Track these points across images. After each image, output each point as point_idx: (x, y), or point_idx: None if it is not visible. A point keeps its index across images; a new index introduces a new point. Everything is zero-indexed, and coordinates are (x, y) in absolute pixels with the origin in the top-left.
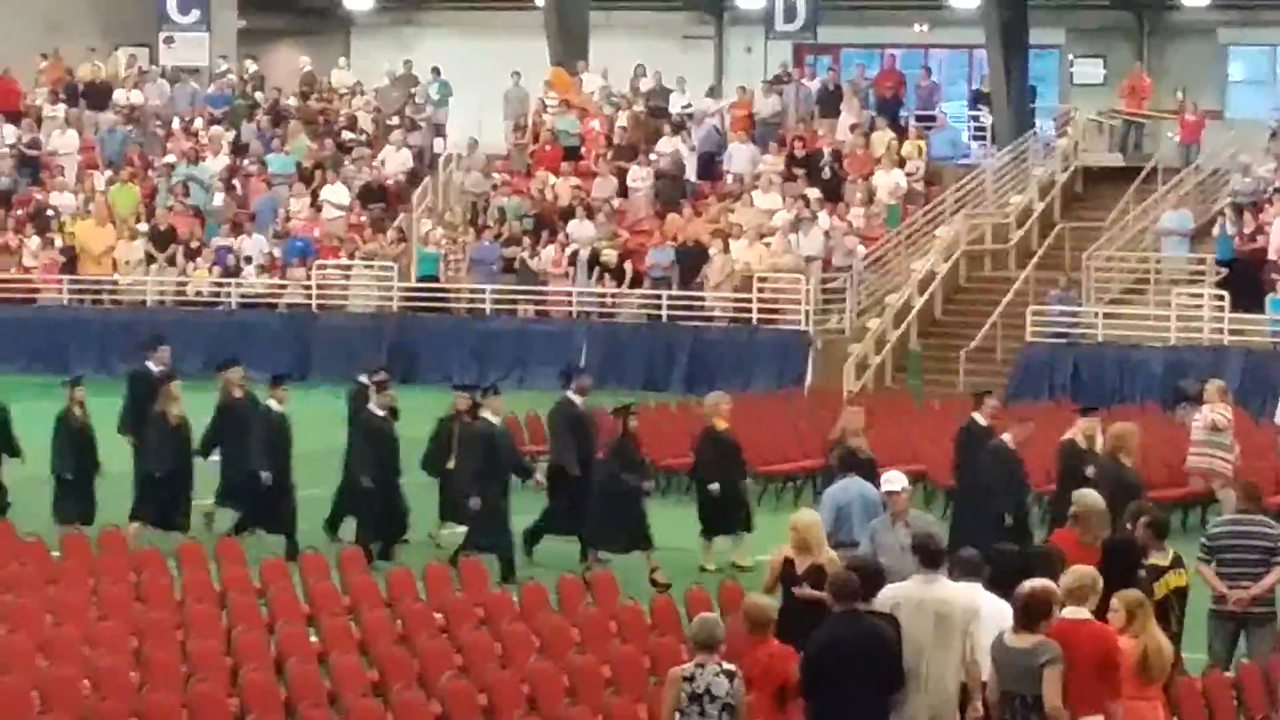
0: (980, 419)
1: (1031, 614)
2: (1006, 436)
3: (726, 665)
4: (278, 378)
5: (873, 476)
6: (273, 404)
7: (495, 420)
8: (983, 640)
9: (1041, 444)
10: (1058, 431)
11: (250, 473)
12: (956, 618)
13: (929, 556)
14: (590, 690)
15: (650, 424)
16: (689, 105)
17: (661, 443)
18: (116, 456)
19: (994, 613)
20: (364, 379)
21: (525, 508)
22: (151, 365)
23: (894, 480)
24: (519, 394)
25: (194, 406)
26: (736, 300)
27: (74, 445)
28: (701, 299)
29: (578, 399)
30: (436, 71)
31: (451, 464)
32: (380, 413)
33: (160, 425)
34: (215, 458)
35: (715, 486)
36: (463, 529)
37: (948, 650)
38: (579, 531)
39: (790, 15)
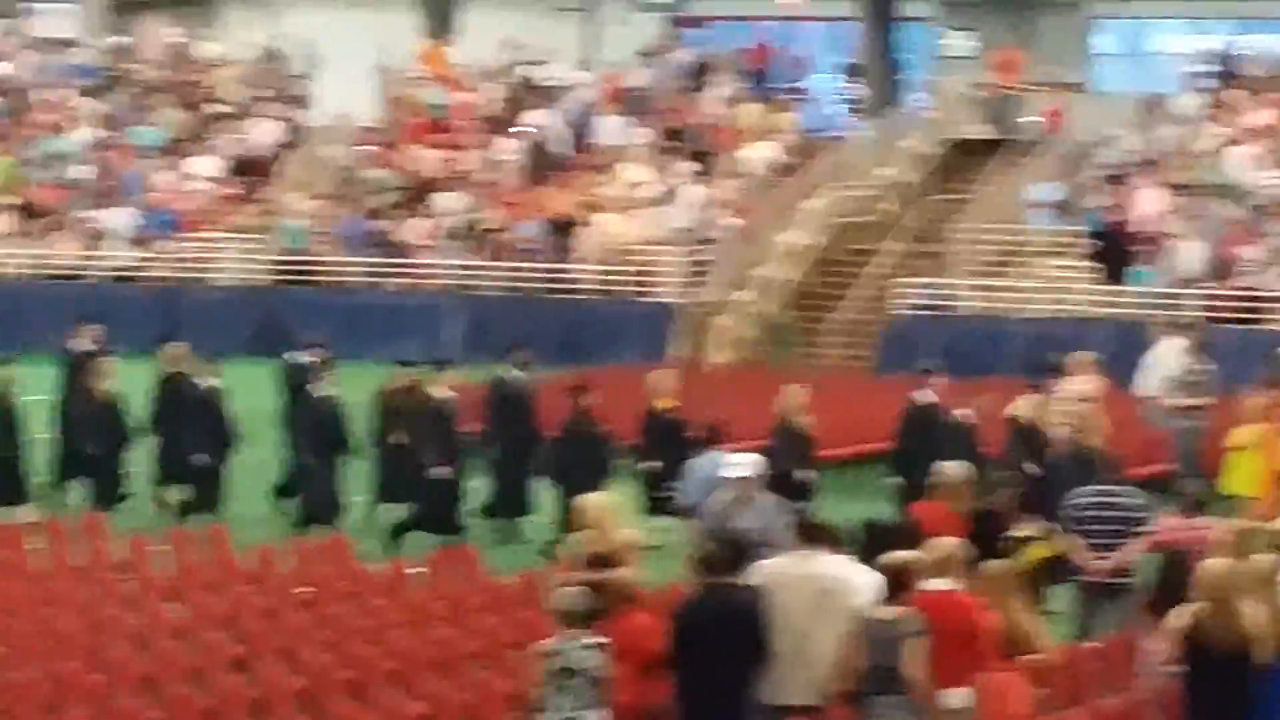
0: (921, 397)
1: (894, 585)
2: (965, 412)
3: (593, 639)
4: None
5: (809, 453)
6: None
7: (446, 395)
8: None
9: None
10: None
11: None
12: (837, 592)
13: (807, 532)
14: (457, 664)
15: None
16: (557, 77)
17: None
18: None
19: (871, 585)
20: (303, 357)
21: None
22: (71, 344)
23: (740, 464)
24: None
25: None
26: (605, 273)
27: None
28: (570, 272)
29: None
30: (306, 44)
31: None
32: (327, 393)
33: (88, 402)
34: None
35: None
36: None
37: (827, 625)
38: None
39: None
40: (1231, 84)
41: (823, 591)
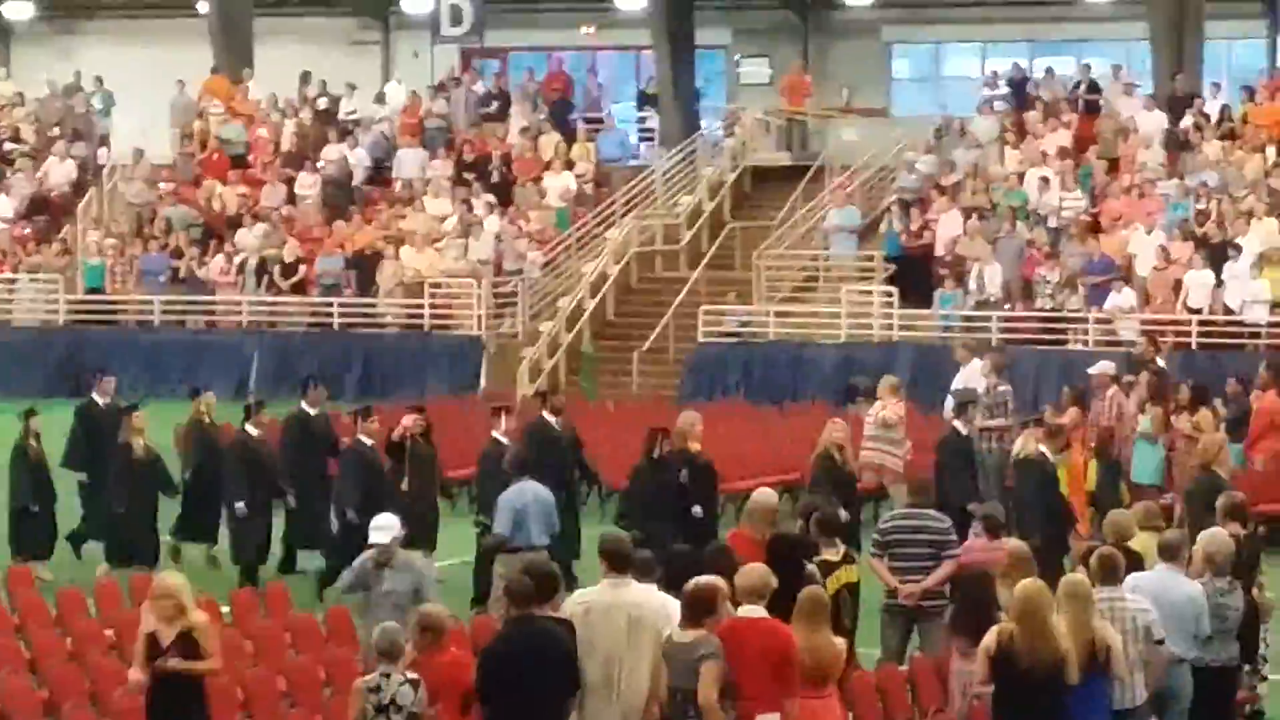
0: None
1: (695, 609)
2: None
3: (410, 674)
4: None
5: (711, 481)
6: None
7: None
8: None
9: (725, 443)
10: (736, 431)
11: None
12: (648, 620)
13: (616, 560)
14: (265, 703)
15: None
16: (355, 111)
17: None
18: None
19: (675, 613)
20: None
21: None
22: (97, 397)
23: (384, 528)
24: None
25: None
26: (408, 306)
27: (31, 478)
28: (374, 305)
29: (310, 410)
30: (99, 81)
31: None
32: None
33: (124, 459)
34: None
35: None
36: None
37: (640, 654)
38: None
39: (456, 19)
40: (1026, 107)
41: (632, 620)
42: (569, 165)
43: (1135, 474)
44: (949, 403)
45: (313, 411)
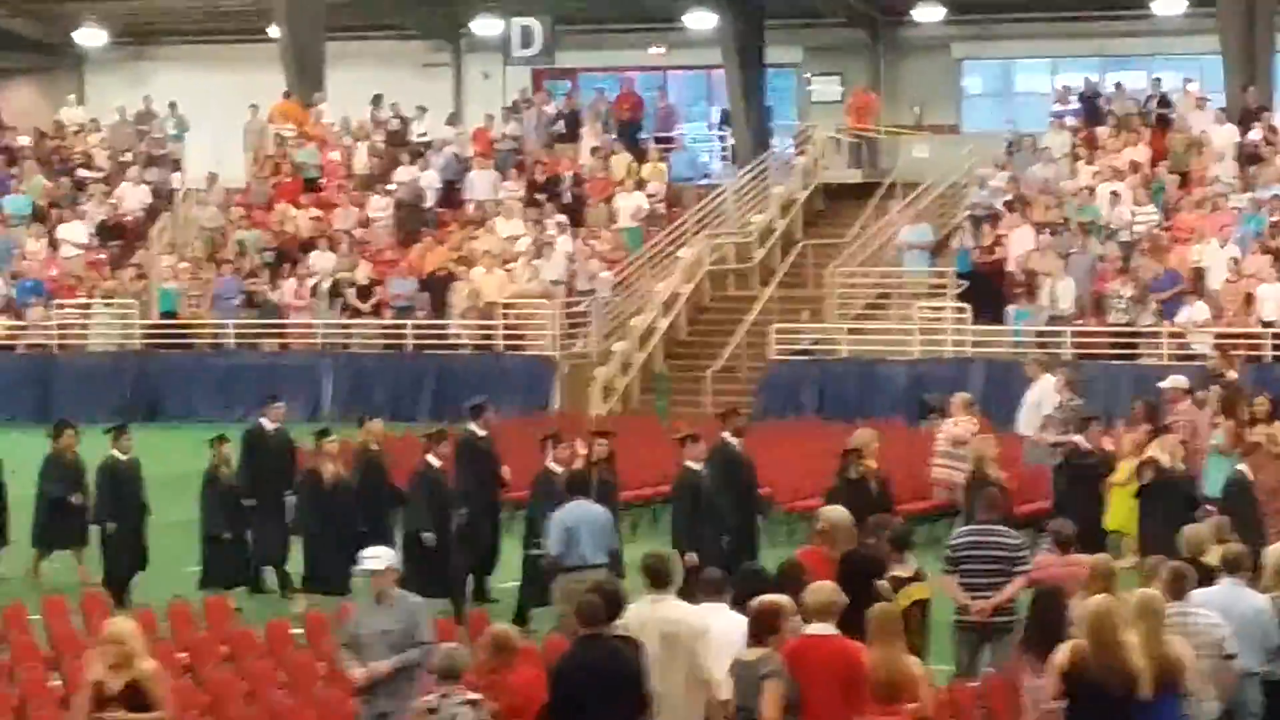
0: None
1: (760, 627)
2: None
3: (470, 694)
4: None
5: (892, 499)
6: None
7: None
8: (718, 660)
9: (799, 461)
10: (809, 448)
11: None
12: (683, 637)
13: (657, 577)
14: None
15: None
16: (427, 133)
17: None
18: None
19: (732, 630)
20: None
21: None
22: (266, 422)
23: (376, 557)
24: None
25: None
26: (481, 327)
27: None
28: (446, 327)
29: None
30: (173, 106)
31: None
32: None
33: (312, 486)
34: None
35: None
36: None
37: (673, 670)
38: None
39: (527, 41)
40: (1097, 122)
41: (666, 636)
42: (640, 185)
43: (1208, 488)
44: (1021, 418)
45: (481, 433)
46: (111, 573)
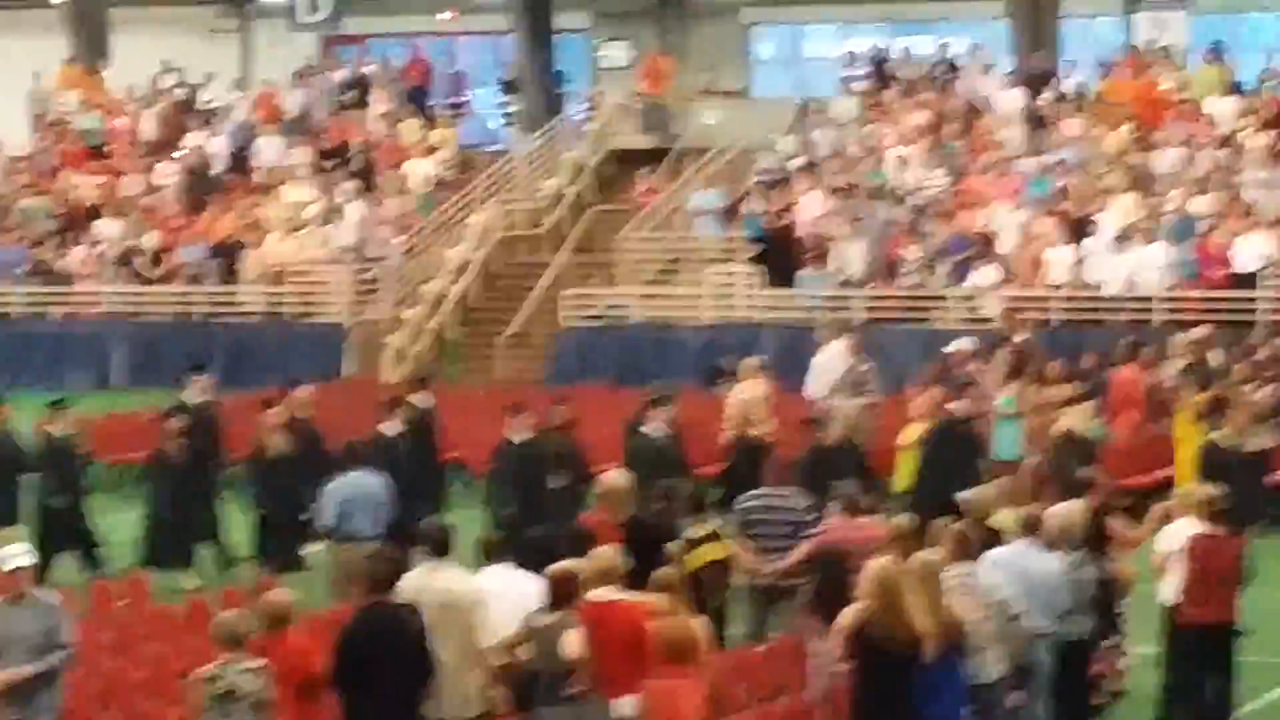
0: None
1: (558, 595)
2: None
3: (254, 661)
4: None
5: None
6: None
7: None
8: (497, 625)
9: (593, 428)
10: (601, 415)
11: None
12: (461, 605)
13: (436, 545)
14: (121, 695)
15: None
16: (213, 100)
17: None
18: None
19: (513, 592)
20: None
21: None
22: (190, 395)
23: (17, 555)
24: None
25: None
26: (271, 295)
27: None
28: (236, 294)
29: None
30: None
31: None
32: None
33: (258, 460)
34: None
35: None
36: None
37: (449, 638)
38: None
39: (314, 7)
40: (885, 87)
41: (443, 605)
42: (430, 151)
43: (997, 450)
44: (809, 382)
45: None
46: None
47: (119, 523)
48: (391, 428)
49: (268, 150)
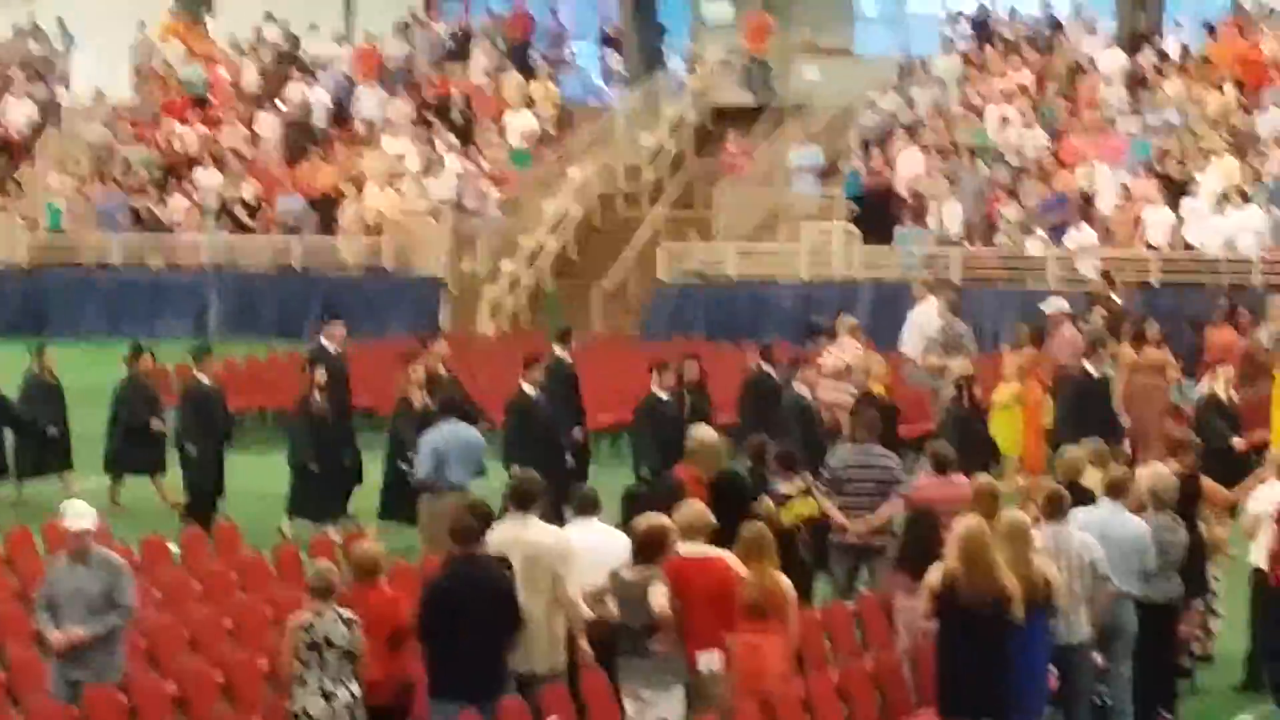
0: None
1: (646, 549)
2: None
3: (345, 612)
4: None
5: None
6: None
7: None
8: (580, 581)
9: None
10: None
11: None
12: (543, 559)
13: (521, 498)
14: (211, 642)
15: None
16: (317, 52)
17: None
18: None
19: (601, 546)
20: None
21: None
22: (328, 343)
23: (82, 515)
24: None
25: None
26: (369, 246)
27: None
28: (334, 246)
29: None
30: (60, 22)
31: None
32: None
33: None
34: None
35: None
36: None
37: (536, 591)
38: None
39: None
40: (988, 45)
41: (529, 558)
42: (530, 104)
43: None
44: (904, 339)
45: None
46: (196, 497)
47: (257, 470)
48: (531, 384)
49: (368, 102)
